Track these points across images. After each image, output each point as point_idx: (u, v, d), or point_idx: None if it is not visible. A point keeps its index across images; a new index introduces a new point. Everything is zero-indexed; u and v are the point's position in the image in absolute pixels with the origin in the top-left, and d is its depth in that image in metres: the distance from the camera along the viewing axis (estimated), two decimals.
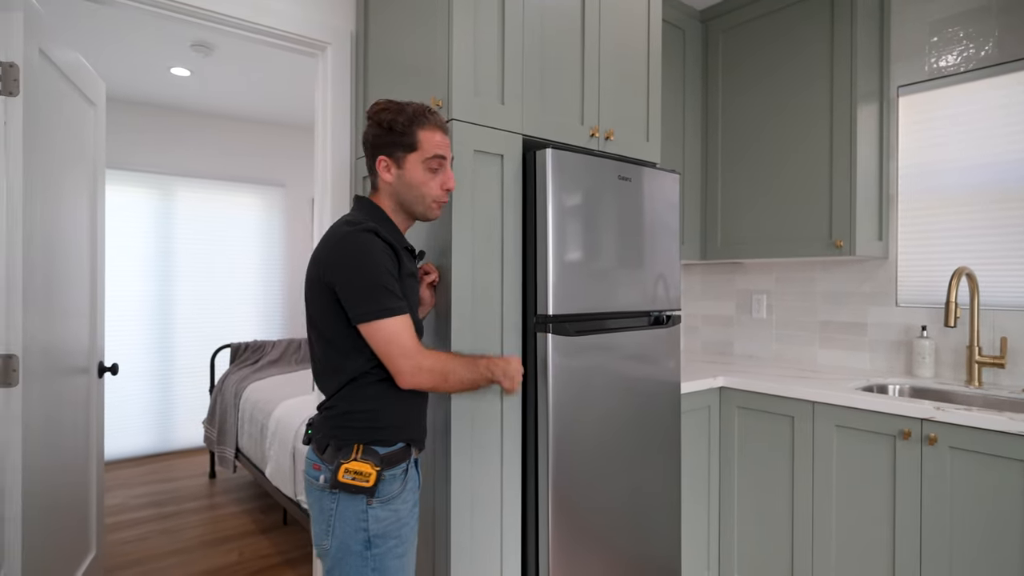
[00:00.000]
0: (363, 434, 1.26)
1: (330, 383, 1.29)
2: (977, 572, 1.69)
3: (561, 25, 1.75)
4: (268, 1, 1.90)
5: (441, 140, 1.33)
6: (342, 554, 1.25)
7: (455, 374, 1.29)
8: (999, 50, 2.14)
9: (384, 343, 1.22)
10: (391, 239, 1.28)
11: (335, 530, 1.25)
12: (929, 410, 1.76)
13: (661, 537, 1.92)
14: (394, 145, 1.31)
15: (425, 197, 1.33)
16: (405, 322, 1.23)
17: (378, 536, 1.25)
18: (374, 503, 1.25)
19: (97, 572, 2.29)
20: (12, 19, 1.56)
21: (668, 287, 1.94)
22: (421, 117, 1.31)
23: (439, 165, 1.33)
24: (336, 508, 1.25)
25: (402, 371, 1.23)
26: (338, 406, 1.28)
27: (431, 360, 1.25)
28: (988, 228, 2.17)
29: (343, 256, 1.22)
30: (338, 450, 1.25)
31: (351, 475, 1.23)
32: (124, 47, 3.32)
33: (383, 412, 1.28)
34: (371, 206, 1.35)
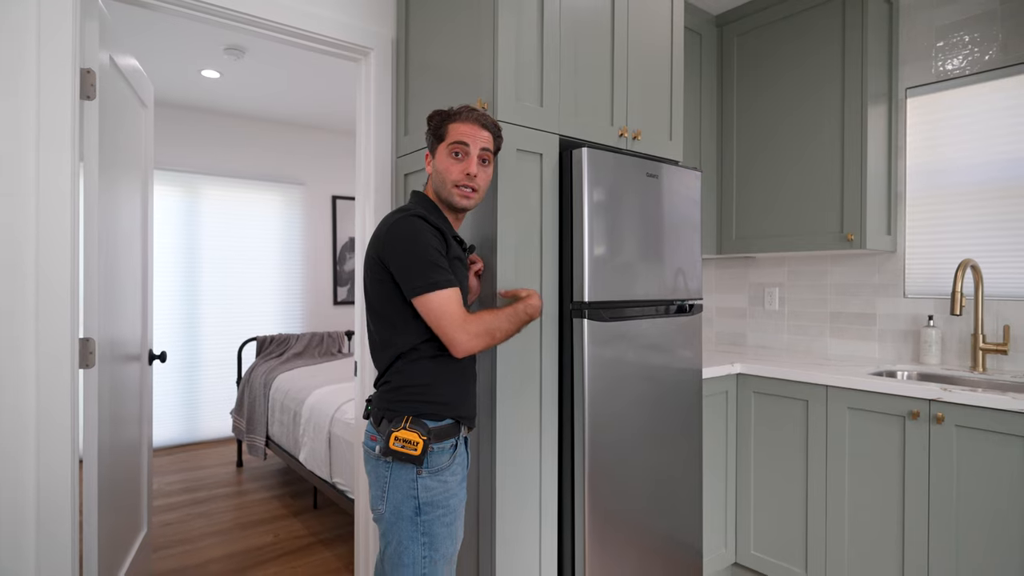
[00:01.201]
0: (414, 407, 1.36)
1: (383, 358, 1.41)
2: (982, 542, 1.81)
3: (592, 33, 1.88)
4: (315, 8, 2.03)
5: (467, 130, 1.41)
6: (395, 518, 1.36)
7: (501, 330, 1.40)
8: (1003, 54, 2.27)
9: (436, 315, 1.31)
10: (439, 224, 1.39)
11: (389, 496, 1.36)
12: (936, 391, 1.89)
13: (684, 513, 2.05)
14: (432, 140, 1.47)
15: (447, 182, 1.42)
16: (454, 294, 1.33)
17: (427, 504, 1.35)
18: (423, 473, 1.35)
19: (147, 549, 2.42)
20: (90, 28, 1.69)
21: (690, 278, 2.07)
22: (456, 114, 1.43)
23: (460, 150, 1.41)
24: (390, 476, 1.36)
25: (455, 340, 1.32)
26: (392, 380, 1.39)
27: (477, 325, 1.35)
28: (992, 222, 2.29)
29: (395, 238, 1.34)
30: (390, 421, 1.36)
31: (400, 443, 1.33)
32: (160, 49, 3.45)
33: (433, 388, 1.38)
34: (422, 197, 1.49)
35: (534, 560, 1.72)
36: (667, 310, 2.00)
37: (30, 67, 1.54)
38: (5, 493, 1.52)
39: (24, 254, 1.54)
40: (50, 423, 1.57)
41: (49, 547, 1.57)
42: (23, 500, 1.55)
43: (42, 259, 1.56)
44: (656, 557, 1.94)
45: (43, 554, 1.56)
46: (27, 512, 1.55)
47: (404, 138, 2.09)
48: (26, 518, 1.55)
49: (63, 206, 1.59)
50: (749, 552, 2.40)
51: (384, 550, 1.40)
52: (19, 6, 1.53)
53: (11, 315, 1.53)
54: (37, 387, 1.55)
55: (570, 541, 1.78)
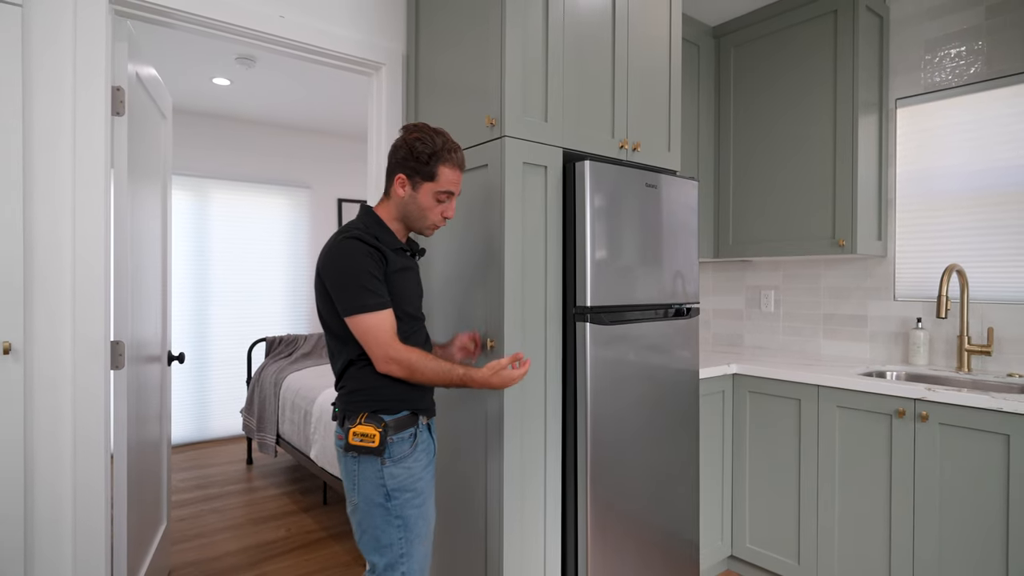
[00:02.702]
0: (368, 405, 1.48)
1: (337, 365, 1.53)
2: (964, 534, 1.91)
3: (594, 48, 1.97)
4: (329, 26, 2.13)
5: (455, 178, 1.53)
6: (368, 507, 1.48)
7: (422, 373, 1.46)
8: (988, 67, 2.36)
9: (362, 334, 1.43)
10: (378, 242, 1.47)
11: (360, 487, 1.48)
12: (921, 391, 1.99)
13: (681, 507, 2.15)
14: (415, 171, 1.50)
15: (426, 220, 1.55)
16: (382, 317, 1.43)
17: (395, 490, 1.47)
18: (387, 462, 1.46)
19: (167, 542, 2.53)
20: (120, 49, 1.79)
21: (688, 282, 2.17)
22: (445, 154, 1.51)
23: (446, 199, 1.54)
24: (358, 469, 1.48)
25: (376, 359, 1.44)
26: (348, 385, 1.51)
27: (401, 354, 1.43)
28: (978, 228, 2.39)
29: (331, 261, 1.44)
30: (350, 420, 1.48)
31: (359, 437, 1.45)
32: (172, 58, 3.55)
33: (384, 389, 1.49)
34: (369, 214, 1.55)
35: (539, 550, 1.83)
36: (666, 313, 2.10)
37: (67, 86, 1.64)
38: (47, 489, 1.62)
39: (63, 260, 1.65)
40: (85, 422, 1.67)
41: (85, 538, 1.68)
42: (62, 495, 1.65)
43: (78, 264, 1.66)
44: (655, 549, 2.04)
45: (79, 544, 1.67)
46: (65, 505, 1.65)
47: None
48: (64, 511, 1.65)
49: (96, 215, 1.69)
50: (744, 545, 2.50)
51: (361, 537, 1.51)
52: (59, 30, 1.63)
53: (51, 318, 1.63)
54: (74, 388, 1.65)
55: (573, 533, 1.88)
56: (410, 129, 1.53)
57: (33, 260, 1.60)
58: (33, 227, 1.60)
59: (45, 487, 1.62)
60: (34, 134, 1.60)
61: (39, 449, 1.61)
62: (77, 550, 1.66)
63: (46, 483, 1.62)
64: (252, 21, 1.95)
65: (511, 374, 1.54)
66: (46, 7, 1.61)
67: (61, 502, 1.64)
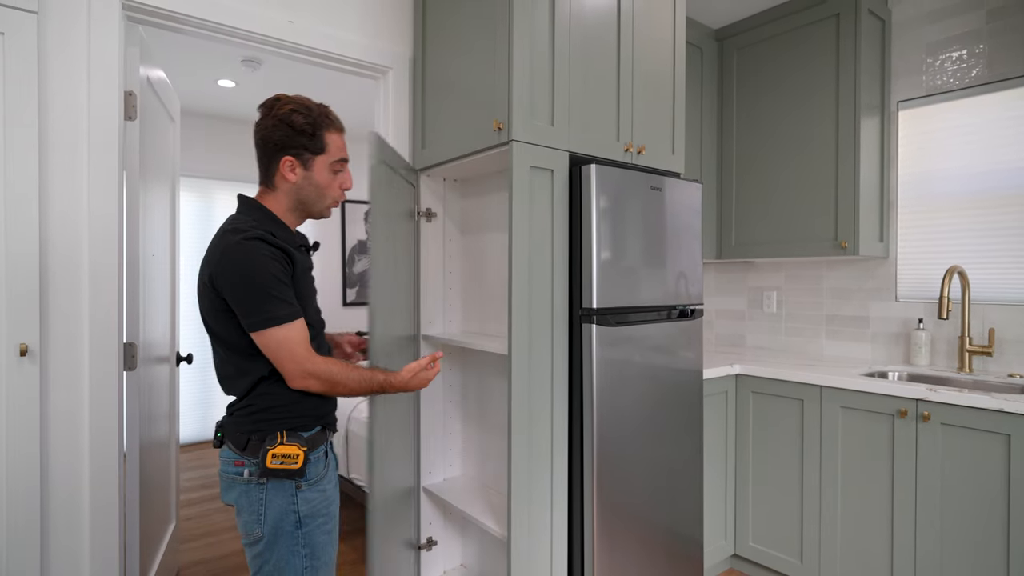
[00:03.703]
0: (285, 423, 1.31)
1: (240, 383, 1.31)
2: (965, 532, 1.94)
3: (599, 53, 2.00)
4: (337, 31, 2.15)
5: (342, 143, 1.39)
6: (274, 537, 1.29)
7: (344, 385, 1.32)
8: (989, 70, 2.38)
9: (274, 349, 1.25)
10: (281, 242, 1.29)
11: (267, 517, 1.29)
12: (923, 391, 2.01)
13: (685, 506, 2.17)
14: (303, 147, 1.34)
15: (326, 198, 1.40)
16: (295, 328, 1.26)
17: (308, 516, 1.32)
18: (303, 487, 1.31)
19: (176, 541, 2.55)
20: (132, 54, 1.82)
21: (692, 284, 2.19)
22: (326, 119, 1.36)
23: (341, 167, 1.40)
24: (266, 497, 1.28)
25: (291, 375, 1.27)
26: (257, 403, 1.31)
27: (319, 367, 1.28)
28: (979, 230, 2.42)
29: (231, 265, 1.23)
30: (261, 441, 1.29)
31: (279, 459, 1.27)
32: (178, 61, 3.57)
33: (301, 403, 1.33)
34: (259, 208, 1.36)
35: (546, 547, 1.85)
36: (670, 315, 2.12)
37: (81, 91, 1.67)
38: (62, 488, 1.65)
39: (77, 263, 1.67)
40: (100, 423, 1.70)
41: (100, 537, 1.70)
42: (78, 494, 1.68)
43: (93, 267, 1.69)
44: (659, 548, 2.07)
45: (95, 542, 1.69)
46: (81, 504, 1.68)
47: (421, 152, 2.21)
48: (80, 510, 1.68)
49: (110, 219, 1.71)
50: (747, 543, 2.53)
51: (258, 572, 1.32)
52: (73, 36, 1.65)
53: (66, 320, 1.65)
54: (89, 389, 1.68)
55: (579, 531, 1.90)
56: (277, 104, 1.35)
57: (48, 264, 1.62)
58: (48, 231, 1.62)
59: (60, 486, 1.65)
60: (49, 139, 1.62)
61: (54, 449, 1.64)
62: (92, 548, 1.69)
63: (61, 482, 1.65)
64: (262, 26, 1.97)
65: (427, 375, 1.45)
66: (61, 14, 1.63)
67: (77, 501, 1.67)
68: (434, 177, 2.29)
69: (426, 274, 2.26)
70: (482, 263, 2.27)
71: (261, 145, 1.36)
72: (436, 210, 2.30)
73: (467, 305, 2.36)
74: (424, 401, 2.28)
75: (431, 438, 2.31)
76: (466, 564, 2.40)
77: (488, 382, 2.25)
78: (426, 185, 2.26)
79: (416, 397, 2.23)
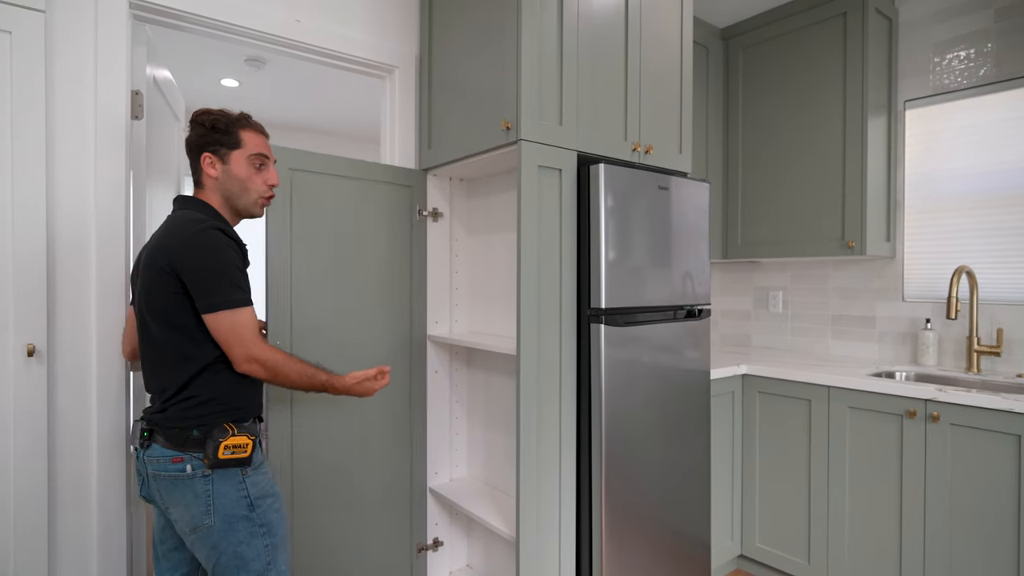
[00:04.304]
0: (228, 415, 1.36)
1: (181, 371, 1.33)
2: (975, 534, 1.93)
3: (607, 53, 1.99)
4: (344, 29, 2.14)
5: (261, 142, 1.46)
6: (227, 525, 1.34)
7: (286, 375, 1.38)
8: (997, 69, 2.38)
9: (226, 331, 1.31)
10: (236, 236, 1.38)
11: (216, 507, 1.33)
12: (932, 392, 2.00)
13: (693, 506, 2.16)
14: (218, 143, 1.41)
15: (251, 192, 1.45)
16: (247, 314, 1.33)
17: (258, 497, 1.38)
18: (248, 472, 1.37)
19: None
20: (139, 53, 1.81)
21: (699, 284, 2.18)
22: (242, 120, 1.45)
23: (262, 163, 1.45)
24: (212, 488, 1.33)
25: (237, 358, 1.33)
26: (199, 394, 1.34)
27: (265, 353, 1.34)
28: (986, 230, 2.41)
29: (196, 250, 1.29)
30: (208, 434, 1.33)
31: (231, 450, 1.32)
32: (182, 60, 3.57)
33: (238, 395, 1.39)
34: (204, 204, 1.43)
35: (554, 547, 1.84)
36: (676, 315, 2.11)
37: (88, 90, 1.66)
38: (70, 487, 1.64)
39: (85, 263, 1.67)
40: (107, 422, 1.69)
41: (106, 537, 1.70)
42: (85, 493, 1.67)
43: (100, 267, 1.68)
44: (666, 548, 2.06)
45: (102, 542, 1.69)
46: (89, 504, 1.67)
47: (428, 151, 2.21)
48: (88, 509, 1.67)
49: (117, 218, 1.71)
50: (754, 544, 2.52)
51: (218, 561, 1.35)
52: (80, 35, 1.64)
53: (73, 321, 1.65)
54: (96, 389, 1.67)
55: (587, 531, 1.89)
56: (198, 113, 1.44)
57: (56, 264, 1.62)
58: (56, 230, 1.62)
59: (68, 485, 1.64)
60: (56, 138, 1.61)
61: (62, 448, 1.63)
62: (100, 546, 1.68)
63: (69, 481, 1.64)
64: (269, 25, 1.97)
65: (372, 384, 1.52)
66: (68, 12, 1.63)
67: (84, 499, 1.66)
68: (440, 177, 2.29)
69: (432, 274, 2.26)
70: (488, 263, 2.27)
71: (188, 151, 1.45)
72: (442, 210, 2.29)
73: (473, 305, 2.35)
74: (430, 401, 2.27)
75: (437, 438, 2.30)
76: (472, 565, 2.40)
77: (494, 382, 2.24)
78: (433, 185, 2.26)
79: (422, 398, 2.23)
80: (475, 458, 2.37)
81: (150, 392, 1.40)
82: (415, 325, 2.19)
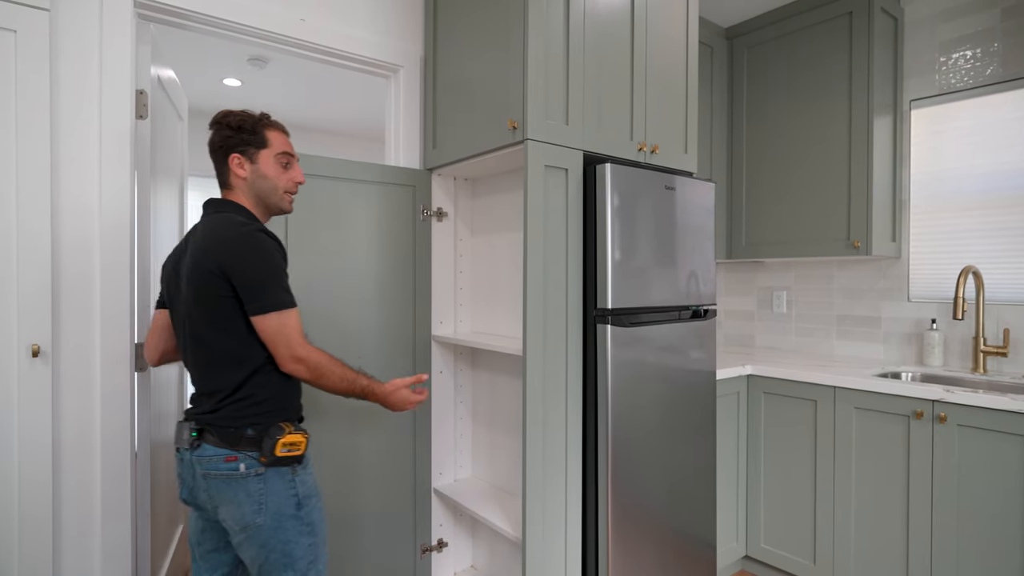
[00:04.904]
0: (281, 414, 1.39)
1: (232, 374, 1.35)
2: (982, 537, 1.92)
3: (613, 51, 1.98)
4: (349, 29, 2.14)
5: (285, 140, 1.48)
6: (277, 523, 1.35)
7: (328, 378, 1.38)
8: (1003, 68, 2.37)
9: (274, 332, 1.32)
10: (276, 237, 1.40)
11: (268, 505, 1.34)
12: (939, 392, 1.99)
13: (698, 507, 2.15)
14: (246, 144, 1.42)
15: (278, 188, 1.46)
16: (294, 315, 1.35)
17: (306, 496, 1.40)
18: (298, 471, 1.39)
19: (184, 542, 2.54)
20: (143, 52, 1.80)
21: (705, 284, 2.17)
22: (265, 119, 1.46)
23: (287, 161, 1.47)
24: (265, 486, 1.34)
25: (283, 358, 1.33)
26: (254, 395, 1.35)
27: (311, 354, 1.36)
28: (993, 230, 2.40)
29: (246, 253, 1.31)
30: (264, 432, 1.34)
31: (287, 447, 1.34)
32: (183, 59, 3.56)
33: (288, 394, 1.42)
34: (239, 206, 1.43)
35: (560, 548, 1.83)
36: (683, 315, 2.10)
37: (93, 90, 1.65)
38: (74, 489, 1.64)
39: (90, 264, 1.66)
40: (112, 423, 1.68)
41: (111, 538, 1.69)
42: (89, 494, 1.66)
43: (105, 267, 1.67)
44: (672, 549, 2.05)
45: (106, 543, 1.68)
46: (93, 504, 1.67)
47: (432, 151, 2.20)
48: (92, 510, 1.67)
49: (122, 219, 1.70)
50: (759, 545, 2.51)
51: (266, 560, 1.35)
52: (85, 34, 1.64)
53: (78, 321, 1.64)
54: (100, 390, 1.67)
55: (593, 532, 1.88)
56: (220, 115, 1.45)
57: (60, 264, 1.61)
58: (60, 231, 1.61)
59: (72, 487, 1.63)
60: (61, 138, 1.61)
61: (66, 450, 1.62)
62: (104, 549, 1.67)
63: (73, 483, 1.64)
64: (274, 24, 1.96)
65: (408, 396, 1.52)
66: (73, 11, 1.62)
67: (89, 501, 1.66)
68: (445, 176, 2.28)
69: (437, 274, 2.25)
70: (493, 263, 2.26)
71: (212, 153, 1.45)
72: (447, 210, 2.28)
73: (478, 305, 2.34)
74: (434, 402, 2.26)
75: (441, 439, 2.29)
76: (476, 566, 2.39)
77: (499, 383, 2.23)
78: (437, 184, 2.25)
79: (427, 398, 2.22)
80: (480, 459, 2.36)
81: (201, 393, 1.39)
82: (419, 325, 2.18)
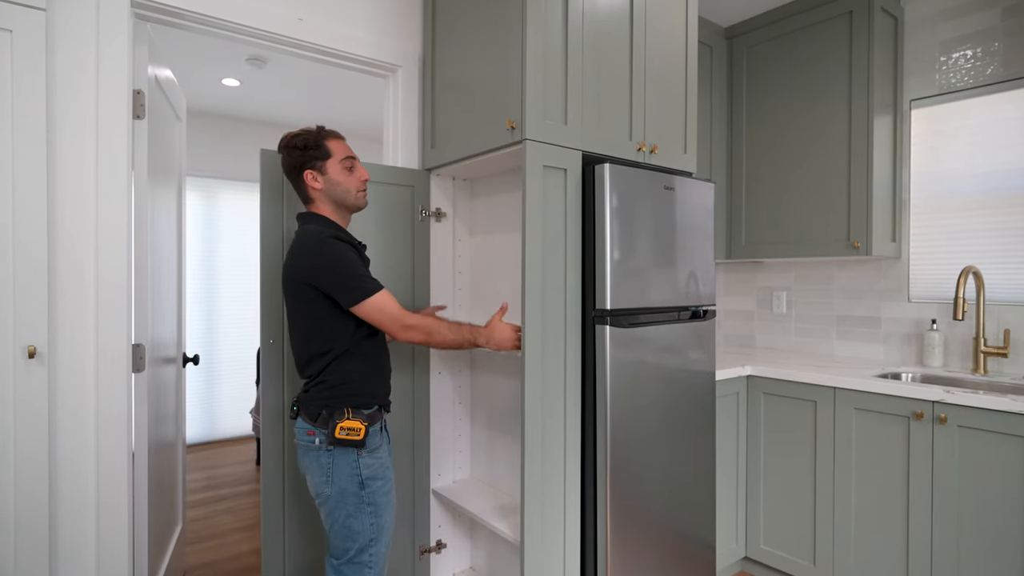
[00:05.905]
0: (350, 400, 1.55)
1: (318, 362, 1.55)
2: (983, 538, 1.91)
3: (612, 51, 1.97)
4: (347, 29, 2.13)
5: (345, 146, 1.64)
6: (341, 496, 1.53)
7: (440, 334, 1.59)
8: (1004, 68, 2.36)
9: (376, 314, 1.52)
10: (352, 240, 1.59)
11: (334, 479, 1.53)
12: (939, 393, 1.98)
13: (698, 508, 2.15)
14: (314, 159, 1.59)
15: (351, 190, 1.62)
16: (385, 295, 1.53)
17: (369, 478, 1.56)
18: (363, 454, 1.55)
19: (183, 543, 2.53)
20: (140, 52, 1.80)
21: (704, 284, 2.16)
22: (322, 132, 1.62)
23: (351, 164, 1.63)
24: (333, 462, 1.53)
25: (394, 331, 1.54)
26: (328, 380, 1.55)
27: (416, 319, 1.56)
28: (993, 230, 2.39)
29: (323, 260, 1.50)
30: (331, 415, 1.53)
31: (346, 431, 1.52)
32: (182, 59, 3.55)
33: (362, 383, 1.58)
34: (319, 217, 1.61)
35: (559, 549, 1.83)
36: (682, 316, 2.10)
37: (89, 90, 1.64)
38: (71, 490, 1.63)
39: (86, 264, 1.65)
40: (109, 425, 1.68)
41: (108, 539, 1.68)
42: (86, 496, 1.66)
43: (101, 268, 1.66)
44: (671, 550, 2.04)
45: (103, 545, 1.67)
46: (89, 505, 1.66)
47: (431, 151, 2.19)
48: (88, 511, 1.66)
49: (119, 219, 1.69)
50: (759, 546, 2.50)
51: (331, 528, 1.56)
52: (82, 33, 1.63)
53: (74, 322, 1.63)
54: (97, 391, 1.66)
55: (592, 533, 1.88)
56: (287, 139, 1.60)
57: (57, 264, 1.60)
58: (57, 231, 1.60)
59: (69, 488, 1.63)
60: (57, 139, 1.60)
61: (63, 451, 1.62)
62: (101, 551, 1.67)
63: (70, 484, 1.63)
64: (272, 24, 1.95)
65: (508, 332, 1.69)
66: (69, 11, 1.61)
67: (85, 502, 1.65)
68: (444, 177, 2.27)
69: (435, 274, 2.24)
70: (491, 263, 2.25)
71: (288, 175, 1.63)
72: (445, 210, 2.28)
73: (476, 305, 2.33)
74: (433, 403, 2.26)
75: (440, 440, 2.29)
76: (475, 567, 2.38)
77: (498, 384, 2.23)
78: (436, 185, 2.24)
79: (425, 399, 2.21)
80: (478, 460, 2.36)
81: (302, 377, 1.61)
82: None
